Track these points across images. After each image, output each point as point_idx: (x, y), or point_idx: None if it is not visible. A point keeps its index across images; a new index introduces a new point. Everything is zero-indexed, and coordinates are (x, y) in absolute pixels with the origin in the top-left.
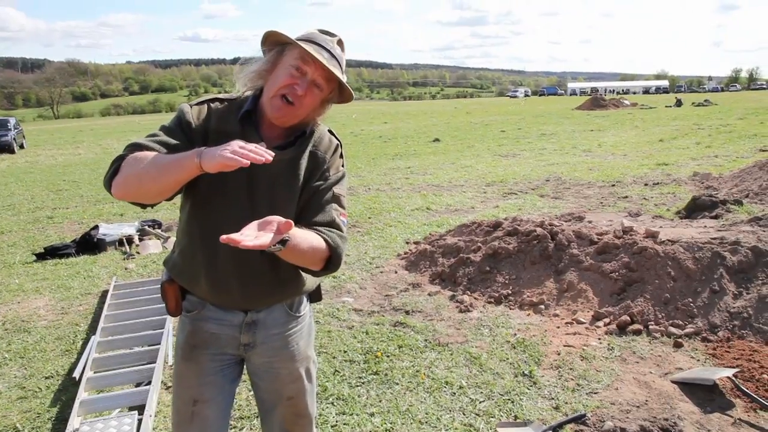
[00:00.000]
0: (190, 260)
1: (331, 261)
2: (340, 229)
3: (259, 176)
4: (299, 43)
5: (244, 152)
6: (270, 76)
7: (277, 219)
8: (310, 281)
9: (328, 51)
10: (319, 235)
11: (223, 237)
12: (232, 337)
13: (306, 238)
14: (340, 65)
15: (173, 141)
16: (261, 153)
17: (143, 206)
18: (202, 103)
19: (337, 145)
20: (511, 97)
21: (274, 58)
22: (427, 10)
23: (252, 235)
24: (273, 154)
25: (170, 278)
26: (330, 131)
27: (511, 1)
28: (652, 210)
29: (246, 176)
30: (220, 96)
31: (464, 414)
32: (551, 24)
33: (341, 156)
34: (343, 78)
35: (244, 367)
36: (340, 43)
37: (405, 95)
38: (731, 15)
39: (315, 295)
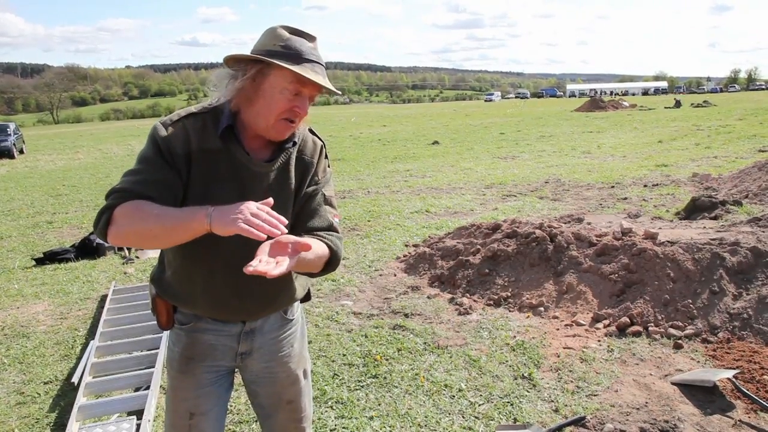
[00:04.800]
0: (185, 282)
1: (331, 263)
2: (336, 231)
3: (252, 191)
4: (292, 67)
5: (259, 224)
6: (255, 95)
7: (291, 240)
8: (302, 286)
9: (318, 63)
10: (321, 240)
11: (249, 269)
12: (229, 347)
13: (313, 248)
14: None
15: (161, 178)
16: (276, 225)
17: None
18: (176, 122)
19: (322, 146)
20: (486, 100)
21: (255, 75)
22: (422, 13)
23: (272, 262)
24: (285, 221)
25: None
26: (311, 131)
27: (506, 3)
28: (652, 211)
29: (238, 193)
30: (194, 110)
31: (463, 417)
32: (547, 26)
33: (326, 156)
34: (329, 84)
35: (238, 375)
36: (313, 40)
37: (404, 98)
38: (725, 16)
39: (305, 296)
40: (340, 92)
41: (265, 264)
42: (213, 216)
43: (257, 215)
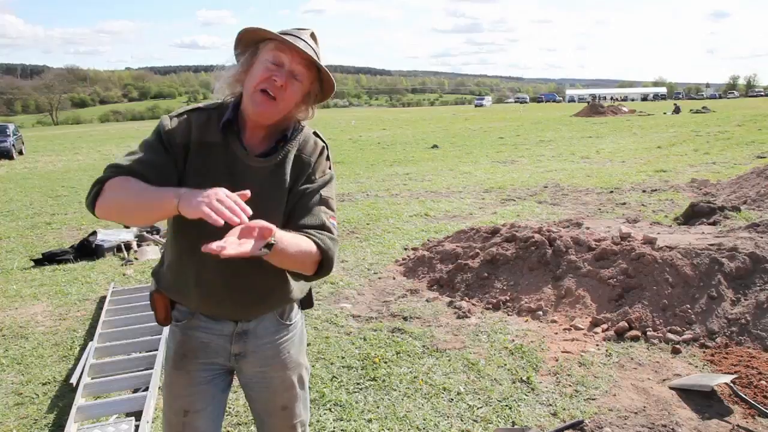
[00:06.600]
0: (179, 274)
1: (323, 264)
2: (330, 232)
3: (245, 185)
4: (274, 34)
5: (221, 210)
6: (248, 75)
7: (259, 224)
8: (300, 288)
9: (303, 41)
10: (309, 237)
11: (204, 247)
12: (222, 347)
13: (294, 241)
14: (316, 54)
15: (155, 160)
16: (238, 213)
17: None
18: (182, 114)
19: (323, 147)
20: (477, 105)
21: (249, 59)
22: (421, 18)
23: (234, 243)
24: (250, 212)
25: (159, 288)
26: (315, 133)
27: (504, 8)
28: (650, 216)
29: (230, 186)
30: (201, 105)
31: (462, 420)
32: (545, 31)
33: (327, 158)
34: (310, 51)
35: (235, 377)
36: (312, 36)
37: (404, 102)
38: (723, 22)
39: (306, 302)
40: (322, 65)
41: (227, 244)
42: (182, 197)
43: (222, 201)
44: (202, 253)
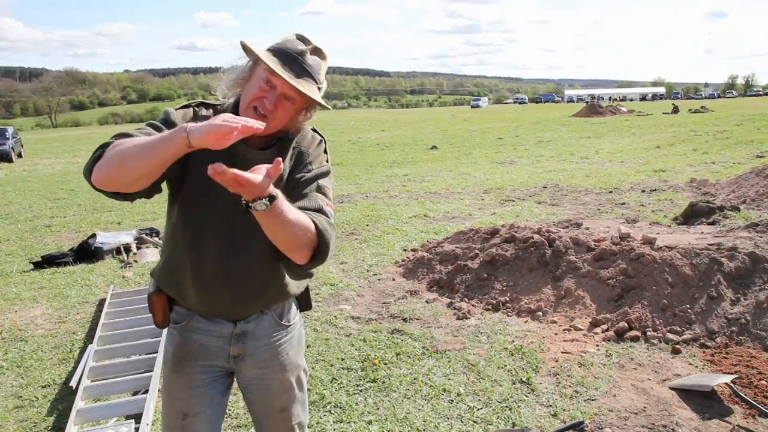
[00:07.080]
0: (177, 267)
1: (319, 248)
2: (327, 217)
3: None
4: (267, 57)
5: (235, 120)
6: (247, 84)
7: (265, 166)
8: (296, 284)
9: (299, 64)
10: (307, 216)
11: (212, 167)
12: (221, 348)
13: (293, 210)
14: (313, 77)
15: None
16: (251, 123)
17: (121, 198)
18: (187, 106)
19: (321, 140)
20: (473, 106)
21: (251, 66)
22: (419, 19)
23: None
24: (263, 124)
25: (157, 289)
26: (314, 129)
27: (502, 9)
28: (650, 216)
29: None
30: (206, 101)
31: (462, 421)
32: (543, 32)
33: (326, 151)
34: (317, 88)
35: (235, 379)
36: (316, 51)
37: (402, 103)
38: (720, 22)
39: (305, 304)
40: (317, 88)
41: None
42: (189, 129)
43: (233, 118)
44: (200, 246)
